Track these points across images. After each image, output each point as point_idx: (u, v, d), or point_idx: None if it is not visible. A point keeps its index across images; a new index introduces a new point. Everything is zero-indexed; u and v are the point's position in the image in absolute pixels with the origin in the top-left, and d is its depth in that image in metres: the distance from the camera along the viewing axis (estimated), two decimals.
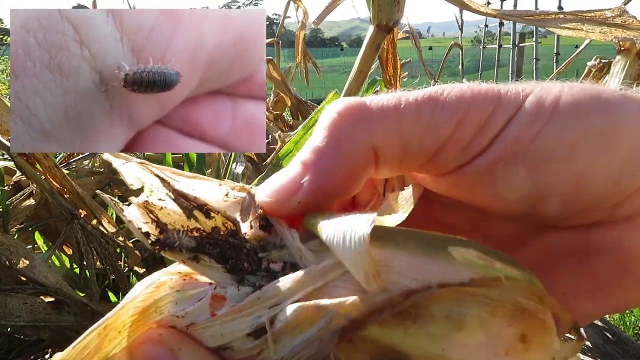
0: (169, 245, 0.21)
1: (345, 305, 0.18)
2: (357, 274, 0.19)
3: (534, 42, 4.77)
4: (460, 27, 3.48)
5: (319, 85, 10.49)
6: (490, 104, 0.23)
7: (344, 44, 49.75)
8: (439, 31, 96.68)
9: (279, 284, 0.20)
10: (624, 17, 0.45)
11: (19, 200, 1.10)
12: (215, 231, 0.22)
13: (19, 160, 0.94)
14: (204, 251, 0.21)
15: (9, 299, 0.94)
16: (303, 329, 0.19)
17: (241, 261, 0.21)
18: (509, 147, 0.23)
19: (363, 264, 0.19)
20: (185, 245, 0.21)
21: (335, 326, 0.18)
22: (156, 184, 0.23)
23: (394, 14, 0.46)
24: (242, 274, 0.21)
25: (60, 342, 1.06)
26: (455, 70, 6.37)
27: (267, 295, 0.20)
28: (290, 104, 2.25)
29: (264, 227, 0.23)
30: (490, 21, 5.54)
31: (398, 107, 0.23)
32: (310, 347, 0.18)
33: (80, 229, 1.06)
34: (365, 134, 0.23)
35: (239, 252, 0.22)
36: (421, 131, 0.23)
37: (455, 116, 0.23)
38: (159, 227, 0.22)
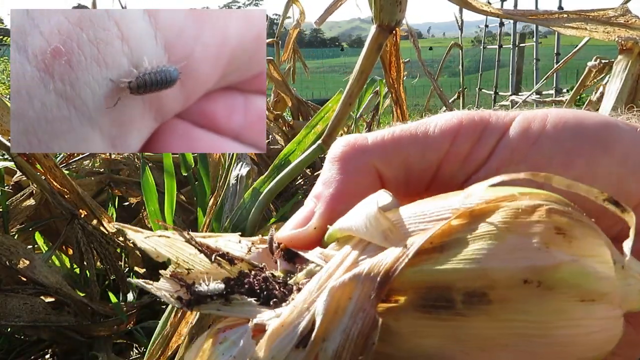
0: (201, 298, 0.22)
1: (371, 267, 0.18)
2: (377, 239, 0.19)
3: (534, 42, 4.76)
4: (460, 27, 3.48)
5: (319, 85, 10.50)
6: (482, 120, 0.25)
7: (344, 44, 49.76)
8: (439, 31, 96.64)
9: (308, 286, 0.20)
10: (626, 16, 0.45)
11: (19, 200, 1.10)
12: (242, 273, 0.23)
13: (19, 160, 0.94)
14: (234, 290, 0.22)
15: (9, 299, 0.94)
16: (343, 308, 0.18)
17: (272, 291, 0.22)
18: (507, 156, 0.24)
19: (378, 227, 0.19)
20: (214, 290, 0.22)
21: (369, 288, 0.18)
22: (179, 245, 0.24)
23: (395, 13, 0.46)
24: (277, 301, 0.21)
25: (60, 342, 1.06)
26: (455, 70, 6.38)
27: (300, 302, 0.20)
28: (291, 104, 2.25)
29: (287, 259, 0.24)
30: (490, 21, 5.54)
31: (394, 134, 0.25)
32: (356, 321, 0.18)
33: (80, 229, 1.06)
34: (367, 158, 0.25)
35: (268, 283, 0.22)
36: (419, 148, 0.25)
37: (449, 132, 0.25)
38: (188, 289, 0.22)
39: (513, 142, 0.24)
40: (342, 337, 0.18)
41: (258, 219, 0.60)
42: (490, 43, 5.62)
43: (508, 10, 0.50)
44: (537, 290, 0.17)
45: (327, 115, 0.71)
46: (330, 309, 0.18)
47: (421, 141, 0.25)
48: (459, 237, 0.18)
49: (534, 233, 0.17)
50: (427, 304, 0.18)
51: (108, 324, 1.04)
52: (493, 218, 0.18)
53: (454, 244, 0.18)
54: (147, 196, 1.02)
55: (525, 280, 0.17)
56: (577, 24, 0.46)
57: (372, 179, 0.25)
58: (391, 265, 0.18)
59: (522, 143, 0.24)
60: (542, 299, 0.17)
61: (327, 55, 23.10)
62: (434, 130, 0.25)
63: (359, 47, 0.86)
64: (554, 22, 0.47)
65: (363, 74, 0.51)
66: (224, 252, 0.23)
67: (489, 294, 0.17)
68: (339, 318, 0.18)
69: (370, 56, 0.49)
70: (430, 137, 0.25)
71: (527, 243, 0.17)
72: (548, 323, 0.17)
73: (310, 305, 0.19)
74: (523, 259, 0.17)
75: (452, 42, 3.13)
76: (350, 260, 0.20)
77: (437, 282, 0.18)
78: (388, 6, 0.46)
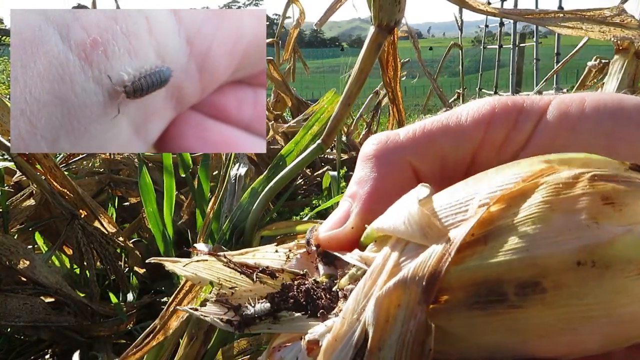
0: (249, 320, 0.22)
1: (415, 270, 0.18)
2: (416, 237, 0.19)
3: (534, 42, 4.76)
4: (460, 27, 3.48)
5: (319, 85, 10.49)
6: (516, 105, 0.24)
7: (344, 44, 49.72)
8: (439, 31, 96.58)
9: (354, 295, 0.20)
10: (622, 15, 0.45)
11: (19, 200, 1.10)
12: (285, 287, 0.23)
13: (19, 160, 0.94)
14: (280, 307, 0.22)
15: (9, 299, 0.94)
16: (394, 316, 0.18)
17: (318, 301, 0.21)
18: (546, 142, 0.23)
19: (416, 225, 0.19)
20: (261, 310, 0.22)
21: (416, 293, 0.17)
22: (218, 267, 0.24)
23: (394, 13, 0.46)
24: (324, 311, 0.21)
25: (60, 342, 1.06)
26: (455, 70, 6.37)
27: (349, 311, 0.19)
28: (291, 104, 2.25)
29: (327, 262, 0.23)
30: (491, 21, 5.54)
31: (425, 127, 0.25)
32: (409, 328, 0.17)
33: (80, 229, 1.06)
34: (401, 155, 0.24)
35: (313, 293, 0.22)
36: (453, 138, 0.24)
37: (482, 120, 0.23)
38: (235, 311, 0.22)
39: (551, 128, 0.23)
40: (397, 345, 0.17)
41: (257, 218, 0.60)
42: (490, 43, 5.62)
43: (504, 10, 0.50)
44: (592, 270, 0.16)
45: (322, 116, 0.71)
46: (381, 319, 0.18)
47: (454, 131, 0.24)
48: (501, 225, 0.17)
49: (580, 209, 0.16)
50: (479, 300, 0.17)
51: (108, 324, 1.04)
52: (534, 198, 0.17)
53: (496, 233, 0.17)
54: (145, 196, 1.02)
55: (579, 262, 0.16)
56: (573, 24, 0.46)
57: (408, 175, 0.24)
58: (435, 266, 0.17)
59: (561, 128, 0.22)
60: (599, 279, 0.16)
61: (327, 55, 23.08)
62: (466, 119, 0.24)
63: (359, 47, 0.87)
64: (550, 22, 0.47)
65: (362, 73, 0.51)
66: (264, 268, 0.23)
67: (542, 282, 0.16)
68: (391, 326, 0.18)
69: (369, 56, 0.50)
70: (462, 127, 0.24)
71: (575, 221, 0.16)
72: (609, 302, 0.16)
73: (359, 315, 0.19)
74: (573, 239, 0.16)
75: (452, 42, 3.13)
76: (392, 263, 0.19)
77: (486, 277, 0.17)
78: (387, 6, 0.46)
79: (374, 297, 0.18)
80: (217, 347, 0.72)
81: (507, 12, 0.49)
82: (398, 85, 0.74)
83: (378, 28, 0.48)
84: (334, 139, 0.58)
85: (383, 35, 0.48)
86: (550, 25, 0.47)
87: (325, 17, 0.62)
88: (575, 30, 0.46)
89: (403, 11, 0.47)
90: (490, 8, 0.50)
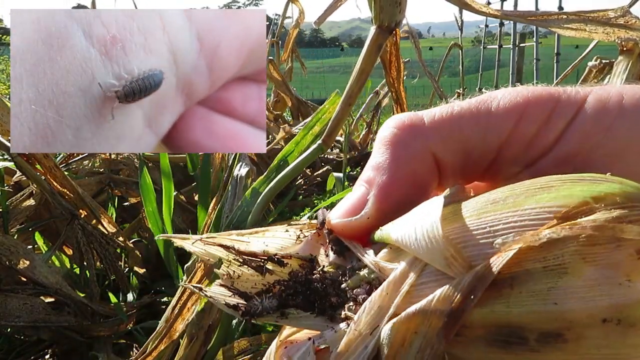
0: (256, 313, 0.22)
1: (438, 301, 0.17)
2: (437, 263, 0.18)
3: (534, 42, 4.76)
4: (460, 27, 3.47)
5: (319, 85, 10.48)
6: (551, 98, 0.22)
7: (344, 44, 49.72)
8: (439, 31, 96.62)
9: (368, 307, 0.19)
10: (626, 17, 0.45)
11: (19, 200, 1.10)
12: (293, 275, 0.22)
13: (19, 160, 0.94)
14: (288, 304, 0.22)
15: (9, 299, 0.93)
16: (410, 342, 0.18)
17: (326, 299, 0.21)
18: (578, 142, 0.21)
19: (439, 250, 0.18)
20: (269, 307, 0.22)
21: (436, 326, 0.17)
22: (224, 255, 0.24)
23: (395, 14, 0.46)
24: (332, 310, 0.21)
25: (60, 342, 1.06)
26: (455, 70, 6.37)
27: (362, 324, 0.19)
28: (291, 104, 2.25)
29: (338, 252, 0.23)
30: (490, 21, 5.54)
31: (452, 112, 0.23)
32: (424, 356, 0.17)
33: (80, 229, 1.06)
34: (423, 142, 0.23)
35: (321, 290, 0.22)
36: (481, 128, 0.22)
37: (514, 111, 0.22)
38: (242, 297, 0.22)
39: (586, 126, 0.21)
40: None
41: (258, 219, 0.60)
42: (490, 43, 5.62)
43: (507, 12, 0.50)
44: (616, 328, 0.16)
45: (324, 117, 0.71)
46: (397, 341, 0.18)
47: (483, 121, 0.22)
48: (530, 269, 0.17)
49: (615, 264, 0.16)
50: (499, 339, 0.17)
51: (108, 324, 1.04)
52: (566, 245, 0.16)
53: (524, 278, 0.17)
54: (145, 196, 1.02)
55: (605, 319, 0.16)
56: (576, 25, 0.46)
57: (429, 166, 0.23)
58: (460, 305, 0.17)
59: (596, 127, 0.21)
60: (622, 336, 0.16)
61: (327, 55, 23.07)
62: (497, 108, 0.22)
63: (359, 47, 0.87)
64: (553, 23, 0.46)
65: (363, 74, 0.51)
66: (272, 255, 0.23)
67: (564, 334, 0.16)
68: (405, 350, 0.18)
69: (370, 57, 0.49)
70: (493, 116, 0.22)
71: (607, 277, 0.16)
72: (627, 355, 0.16)
73: (373, 330, 0.19)
74: (603, 297, 0.16)
75: (452, 42, 3.13)
76: (410, 283, 0.19)
77: (510, 322, 0.17)
78: (388, 7, 0.46)
79: (388, 316, 0.18)
80: (217, 347, 0.72)
81: (510, 14, 0.49)
82: (401, 86, 0.74)
83: (379, 29, 0.48)
84: (335, 139, 0.58)
85: (384, 36, 0.48)
86: (553, 27, 0.46)
87: (325, 16, 0.62)
88: (579, 32, 0.45)
89: (404, 12, 0.47)
90: (492, 10, 0.50)
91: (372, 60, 0.50)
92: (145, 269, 1.30)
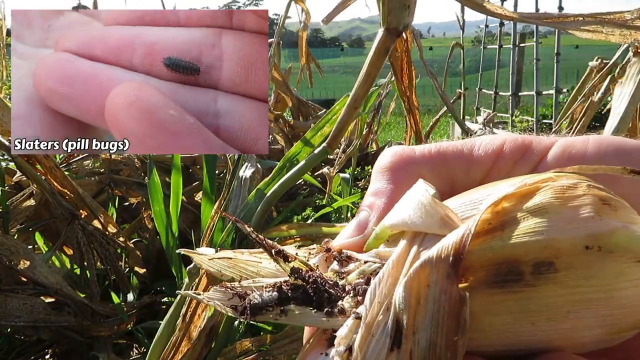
0: (256, 309, 0.22)
1: (440, 250, 0.18)
2: (434, 227, 0.20)
3: (534, 42, 4.76)
4: (462, 27, 3.48)
5: (319, 85, 10.48)
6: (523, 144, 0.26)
7: (344, 44, 49.70)
8: (439, 31, 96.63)
9: (375, 287, 0.20)
10: None
11: (19, 200, 1.10)
12: (294, 270, 0.23)
13: (19, 160, 0.94)
14: (288, 298, 0.22)
15: (9, 299, 0.93)
16: (425, 297, 0.18)
17: (326, 292, 0.22)
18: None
19: (433, 214, 0.20)
20: (268, 300, 0.22)
21: (444, 269, 0.18)
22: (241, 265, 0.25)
23: (404, 17, 0.45)
24: (332, 303, 0.21)
25: (60, 342, 1.06)
26: (455, 70, 6.38)
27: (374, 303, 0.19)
28: (291, 104, 2.25)
29: (338, 259, 0.24)
30: (491, 21, 5.54)
31: (439, 149, 0.27)
32: (442, 304, 0.18)
33: (80, 229, 1.06)
34: (416, 169, 0.26)
35: (320, 285, 0.22)
36: (465, 164, 0.26)
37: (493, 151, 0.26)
38: (240, 297, 0.22)
39: (551, 164, 0.25)
40: (431, 324, 0.18)
41: (262, 220, 0.60)
42: (490, 43, 5.62)
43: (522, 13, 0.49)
44: (598, 254, 0.18)
45: (334, 118, 0.71)
46: (412, 302, 0.18)
47: (466, 158, 0.26)
48: (516, 215, 0.19)
49: (585, 204, 0.19)
50: (498, 279, 0.19)
51: (108, 324, 1.04)
52: (542, 195, 0.19)
53: (513, 222, 0.19)
54: (153, 196, 1.02)
55: (587, 246, 0.18)
56: (593, 27, 0.45)
57: None
58: (459, 243, 0.18)
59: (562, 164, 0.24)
60: (604, 262, 0.18)
61: (327, 55, 23.07)
62: (478, 149, 0.26)
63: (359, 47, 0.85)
64: (570, 25, 0.46)
65: (369, 77, 0.50)
66: (279, 249, 0.24)
67: (555, 263, 0.18)
68: (423, 307, 0.18)
69: (376, 60, 0.49)
70: (475, 155, 0.26)
71: (582, 213, 0.19)
72: (610, 285, 0.18)
73: (388, 304, 0.19)
74: (582, 227, 0.18)
75: (454, 42, 3.13)
76: (413, 253, 0.20)
77: (507, 257, 0.19)
78: (396, 10, 0.45)
79: (400, 284, 0.19)
80: (219, 348, 0.72)
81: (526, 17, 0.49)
82: (414, 95, 0.73)
83: (386, 32, 0.47)
84: (339, 142, 0.58)
85: (391, 39, 0.48)
86: (570, 29, 0.46)
87: (333, 14, 0.61)
88: (596, 34, 0.45)
89: (412, 15, 0.46)
90: (507, 12, 0.49)
91: (379, 64, 0.49)
92: (145, 269, 1.30)
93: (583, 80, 1.64)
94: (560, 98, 4.47)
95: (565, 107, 1.89)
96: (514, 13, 0.49)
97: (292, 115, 2.39)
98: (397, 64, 0.68)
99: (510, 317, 0.19)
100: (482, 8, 0.49)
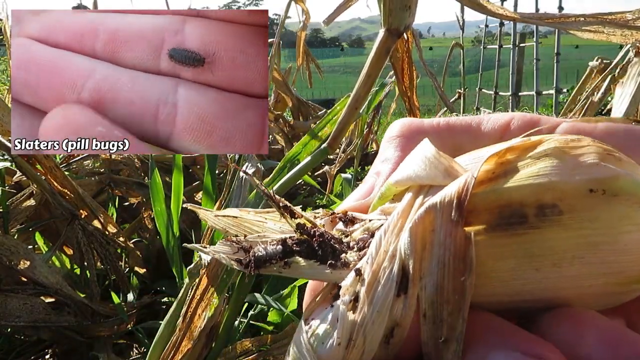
0: (260, 261, 0.22)
1: (443, 195, 0.18)
2: (439, 178, 0.20)
3: (534, 42, 4.75)
4: (462, 27, 3.48)
5: (319, 85, 10.47)
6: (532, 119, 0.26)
7: (344, 44, 49.65)
8: (439, 31, 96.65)
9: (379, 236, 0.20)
10: None
11: (19, 200, 1.10)
12: (300, 226, 0.23)
13: (19, 160, 0.94)
14: (293, 252, 0.22)
15: (9, 299, 0.93)
16: (430, 241, 0.18)
17: (330, 247, 0.22)
18: None
19: (437, 165, 0.20)
20: (273, 253, 0.22)
21: (449, 213, 0.18)
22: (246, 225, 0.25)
23: (405, 18, 0.45)
24: (336, 256, 0.21)
25: (60, 342, 1.06)
26: (455, 70, 6.38)
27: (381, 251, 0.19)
28: (291, 104, 2.25)
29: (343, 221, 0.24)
30: (491, 21, 5.53)
31: (448, 122, 0.27)
32: (447, 247, 0.18)
33: (80, 229, 1.06)
34: (424, 138, 0.26)
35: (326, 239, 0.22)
36: (472, 137, 0.26)
37: (500, 126, 0.26)
38: (246, 251, 0.22)
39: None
40: (438, 268, 0.18)
41: None
42: (490, 43, 5.61)
43: (524, 14, 0.49)
44: (603, 197, 0.18)
45: (334, 118, 0.71)
46: (418, 247, 0.18)
47: (474, 131, 0.26)
48: (519, 163, 0.19)
49: (590, 152, 0.19)
50: (502, 222, 0.18)
51: (108, 324, 1.04)
52: (546, 144, 0.19)
53: (515, 169, 0.19)
54: (154, 196, 1.01)
55: (591, 189, 0.18)
56: (594, 27, 0.45)
57: None
58: (462, 188, 0.18)
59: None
60: (608, 205, 0.18)
61: (327, 55, 23.06)
62: (487, 123, 0.26)
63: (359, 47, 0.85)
64: (571, 26, 0.46)
65: (370, 78, 0.50)
66: (287, 204, 0.24)
67: (559, 205, 0.18)
68: (429, 252, 0.18)
69: (377, 60, 0.49)
70: (483, 129, 0.26)
71: (586, 160, 0.19)
72: (615, 229, 0.18)
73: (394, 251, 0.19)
74: (586, 172, 0.18)
75: (454, 42, 3.13)
76: (418, 204, 0.20)
77: (510, 199, 0.19)
78: (397, 10, 0.45)
79: (405, 231, 0.19)
80: (219, 348, 0.72)
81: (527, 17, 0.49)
82: (415, 95, 0.73)
83: (387, 32, 0.47)
84: (340, 143, 0.58)
85: (392, 40, 0.47)
86: (572, 30, 0.46)
87: (335, 15, 0.60)
88: (597, 35, 0.45)
89: (413, 16, 0.46)
90: (508, 12, 0.49)
91: (380, 64, 0.49)
92: (145, 269, 1.30)
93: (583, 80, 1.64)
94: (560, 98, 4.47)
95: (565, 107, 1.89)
96: (514, 13, 0.49)
97: (292, 115, 2.39)
98: (398, 65, 0.68)
99: (514, 262, 0.18)
100: (482, 8, 0.49)
